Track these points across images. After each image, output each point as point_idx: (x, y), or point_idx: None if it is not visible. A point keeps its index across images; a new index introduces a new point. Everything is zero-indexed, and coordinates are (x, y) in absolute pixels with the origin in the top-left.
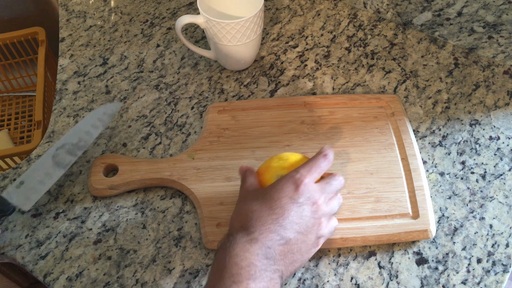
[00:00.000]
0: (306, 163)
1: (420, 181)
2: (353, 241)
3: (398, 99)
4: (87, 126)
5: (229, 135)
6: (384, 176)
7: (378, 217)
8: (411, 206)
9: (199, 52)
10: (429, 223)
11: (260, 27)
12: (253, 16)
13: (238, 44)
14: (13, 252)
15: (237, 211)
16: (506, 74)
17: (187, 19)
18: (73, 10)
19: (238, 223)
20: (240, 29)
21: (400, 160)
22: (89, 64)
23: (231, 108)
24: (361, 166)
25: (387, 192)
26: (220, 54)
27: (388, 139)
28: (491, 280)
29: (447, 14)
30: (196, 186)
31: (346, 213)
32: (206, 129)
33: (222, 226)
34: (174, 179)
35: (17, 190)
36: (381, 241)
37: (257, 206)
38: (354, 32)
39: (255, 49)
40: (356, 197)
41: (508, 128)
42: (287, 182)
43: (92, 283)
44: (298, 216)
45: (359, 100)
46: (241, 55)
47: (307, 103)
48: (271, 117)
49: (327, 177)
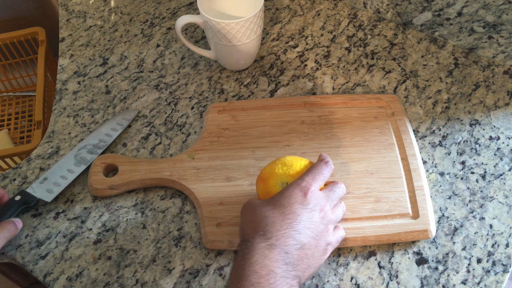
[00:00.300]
0: (309, 171)
1: (420, 181)
2: (353, 241)
3: (398, 99)
4: (107, 129)
5: (229, 135)
6: (384, 176)
7: (378, 217)
8: (411, 206)
9: (199, 52)
10: (429, 223)
11: (260, 27)
12: (253, 16)
13: (238, 44)
14: (13, 252)
15: (248, 219)
16: (506, 74)
17: (187, 19)
18: (73, 10)
19: (252, 229)
20: (240, 29)
21: (400, 160)
22: (89, 64)
23: (231, 108)
24: (361, 166)
25: (387, 192)
26: (220, 54)
27: (388, 139)
28: (491, 280)
29: (447, 14)
30: (196, 186)
31: (346, 213)
32: (206, 129)
33: (222, 226)
34: (174, 179)
35: (40, 185)
36: (381, 241)
37: (269, 212)
38: (354, 32)
39: (255, 49)
40: (356, 197)
41: (508, 128)
42: (294, 189)
43: (92, 283)
44: (309, 221)
45: (359, 100)
46: (241, 55)
47: (307, 103)
48: (271, 117)
49: (330, 185)
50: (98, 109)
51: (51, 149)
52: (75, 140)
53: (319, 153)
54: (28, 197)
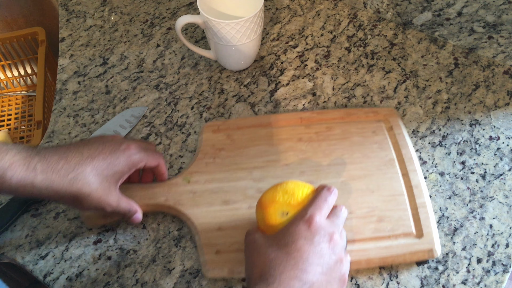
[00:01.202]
0: (313, 201)
1: (422, 198)
2: (357, 264)
3: (395, 112)
4: (115, 126)
5: (225, 156)
6: (385, 194)
7: (382, 237)
8: (414, 225)
9: (199, 52)
10: (433, 242)
11: (260, 27)
12: (253, 16)
13: (238, 44)
14: (13, 252)
15: (252, 260)
16: (506, 74)
17: (187, 19)
18: (73, 10)
19: (256, 274)
20: (240, 29)
21: (401, 176)
22: (89, 64)
23: (226, 127)
24: (361, 184)
25: (390, 210)
26: (220, 54)
27: (388, 154)
28: (491, 280)
29: (447, 14)
30: (193, 211)
31: (348, 234)
32: (201, 150)
33: (222, 253)
34: (170, 205)
35: None
36: (386, 263)
37: (274, 253)
38: (354, 32)
39: (255, 49)
40: (358, 217)
41: (508, 128)
42: (298, 224)
43: (92, 283)
44: (317, 256)
45: (356, 114)
46: (241, 55)
47: (303, 119)
48: (267, 135)
49: (333, 210)
50: (98, 109)
51: None
52: (75, 140)
53: (318, 172)
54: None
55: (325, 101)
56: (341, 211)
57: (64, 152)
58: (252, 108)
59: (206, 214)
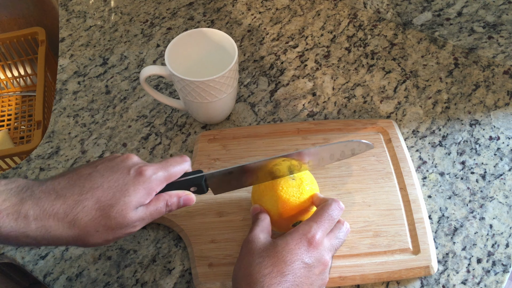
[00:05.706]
0: (318, 216)
1: (420, 213)
2: (352, 280)
3: (394, 123)
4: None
5: (220, 166)
6: (382, 208)
7: (377, 253)
8: (411, 240)
9: (167, 102)
10: (430, 259)
11: (236, 79)
12: (228, 71)
13: (207, 102)
14: (13, 252)
15: (245, 269)
16: (506, 74)
17: (151, 70)
18: (73, 10)
19: (246, 286)
20: (215, 85)
21: (399, 190)
22: (89, 64)
23: (222, 137)
24: (358, 197)
25: (386, 225)
26: (189, 108)
27: (386, 167)
28: (491, 280)
29: (447, 14)
30: (186, 223)
31: (344, 249)
32: (196, 159)
33: (214, 267)
34: (163, 215)
35: None
36: (381, 279)
37: (268, 269)
38: (354, 32)
39: (231, 102)
40: (354, 232)
41: (508, 128)
42: (299, 242)
43: (92, 283)
44: (307, 278)
45: (354, 125)
46: (214, 111)
47: (300, 130)
48: (263, 146)
49: (335, 230)
50: (98, 109)
51: (51, 149)
52: (75, 140)
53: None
54: (200, 180)
55: (325, 101)
56: (342, 232)
57: (62, 189)
58: (252, 108)
59: (199, 226)
